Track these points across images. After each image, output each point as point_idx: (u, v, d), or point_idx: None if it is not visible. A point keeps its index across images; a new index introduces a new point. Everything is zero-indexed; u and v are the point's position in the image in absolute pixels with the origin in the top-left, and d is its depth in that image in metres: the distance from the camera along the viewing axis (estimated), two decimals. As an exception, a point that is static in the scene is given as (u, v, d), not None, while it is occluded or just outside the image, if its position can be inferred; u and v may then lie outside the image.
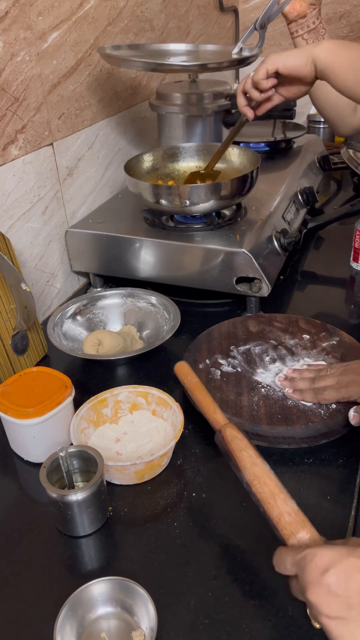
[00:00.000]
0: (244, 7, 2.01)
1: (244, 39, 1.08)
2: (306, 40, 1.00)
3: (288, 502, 0.52)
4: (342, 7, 1.87)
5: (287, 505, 0.52)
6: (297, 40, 1.01)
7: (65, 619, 0.53)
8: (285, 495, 0.52)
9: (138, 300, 1.01)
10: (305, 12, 0.98)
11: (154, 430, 0.77)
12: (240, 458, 0.57)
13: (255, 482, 0.54)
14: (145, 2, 1.32)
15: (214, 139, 1.26)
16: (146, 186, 1.00)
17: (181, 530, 0.64)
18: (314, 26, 0.98)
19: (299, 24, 0.99)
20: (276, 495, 0.52)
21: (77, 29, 1.06)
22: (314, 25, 0.98)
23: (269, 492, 0.53)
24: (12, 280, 0.84)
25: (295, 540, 0.50)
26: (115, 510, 0.68)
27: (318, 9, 0.98)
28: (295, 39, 1.02)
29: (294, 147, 1.43)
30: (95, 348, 0.91)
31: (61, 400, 0.73)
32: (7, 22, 0.87)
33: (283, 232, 1.06)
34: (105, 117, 1.21)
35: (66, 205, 1.10)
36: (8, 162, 0.92)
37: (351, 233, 1.14)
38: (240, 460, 0.56)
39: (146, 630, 0.53)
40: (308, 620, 0.55)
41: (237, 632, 0.54)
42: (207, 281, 1.00)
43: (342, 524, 0.64)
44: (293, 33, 1.01)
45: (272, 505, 0.52)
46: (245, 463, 0.56)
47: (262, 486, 0.54)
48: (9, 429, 0.75)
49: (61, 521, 0.65)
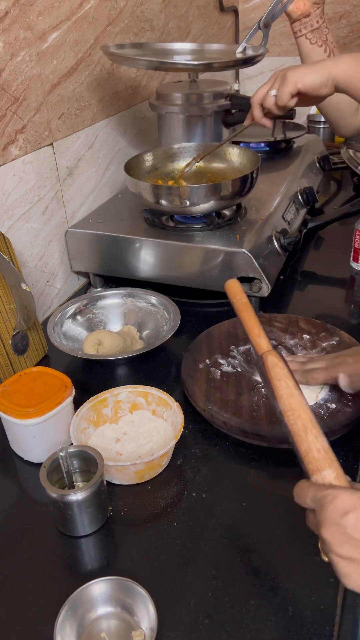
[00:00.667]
0: (244, 7, 2.01)
1: (248, 38, 1.08)
2: (309, 40, 1.00)
3: (319, 439, 0.52)
4: (342, 7, 1.87)
5: (318, 442, 0.51)
6: (301, 39, 1.01)
7: (65, 619, 0.53)
8: (317, 432, 0.52)
9: (138, 300, 1.01)
10: (309, 11, 0.97)
11: (154, 430, 0.77)
12: (278, 387, 0.55)
13: (289, 414, 0.54)
14: (145, 2, 1.32)
15: (214, 139, 1.26)
16: (146, 186, 1.00)
17: (181, 530, 0.64)
18: (317, 25, 0.98)
19: (302, 23, 0.99)
20: (308, 430, 0.52)
21: (77, 29, 1.06)
22: (318, 24, 0.98)
23: (302, 426, 0.52)
24: (12, 280, 0.84)
25: (319, 477, 0.50)
26: (115, 510, 0.68)
27: (321, 8, 0.98)
28: (298, 38, 1.01)
29: (294, 147, 1.43)
30: (95, 348, 0.91)
31: (61, 400, 0.73)
32: (7, 22, 0.87)
33: (283, 232, 1.06)
34: (105, 117, 1.21)
35: (66, 205, 1.10)
36: (8, 162, 0.92)
37: (351, 233, 1.14)
38: (277, 390, 0.55)
39: (146, 630, 0.53)
40: (308, 620, 0.55)
41: (237, 632, 0.54)
42: (207, 281, 1.00)
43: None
44: (296, 32, 1.01)
45: (302, 438, 0.52)
46: (282, 393, 0.55)
47: (296, 419, 0.53)
48: (9, 429, 0.75)
49: (61, 521, 0.65)
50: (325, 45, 0.99)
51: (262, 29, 1.02)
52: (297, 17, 0.99)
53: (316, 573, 0.59)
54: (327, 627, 0.54)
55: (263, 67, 1.85)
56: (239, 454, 0.74)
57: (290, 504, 0.66)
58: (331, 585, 0.58)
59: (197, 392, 0.79)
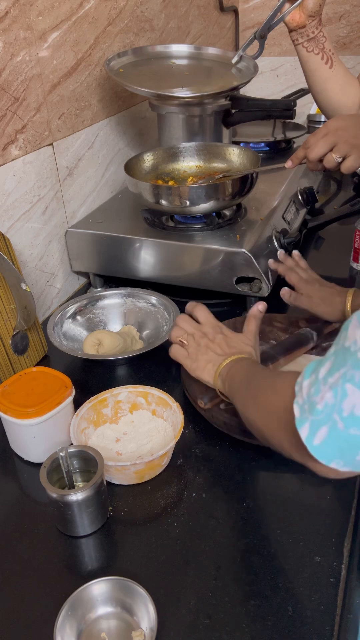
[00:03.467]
0: (244, 7, 2.01)
1: (243, 48, 1.12)
2: (306, 48, 1.03)
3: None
4: (342, 7, 1.87)
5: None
6: (298, 47, 1.04)
7: (65, 619, 0.53)
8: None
9: (138, 300, 1.01)
10: (305, 23, 1.00)
11: (154, 430, 0.77)
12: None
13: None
14: (145, 2, 1.32)
15: (214, 139, 1.26)
16: (146, 186, 1.00)
17: (181, 530, 0.64)
18: (313, 35, 1.01)
19: (299, 33, 1.02)
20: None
21: (77, 29, 1.06)
22: (314, 34, 1.01)
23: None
24: (12, 281, 0.84)
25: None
26: (115, 510, 0.68)
27: (318, 20, 1.00)
28: (296, 46, 1.05)
29: (294, 147, 1.43)
30: (95, 348, 0.91)
31: (61, 400, 0.73)
32: (7, 22, 0.87)
33: (283, 232, 1.06)
34: (105, 117, 1.21)
35: (66, 205, 1.10)
36: (8, 162, 0.92)
37: (351, 233, 1.14)
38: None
39: (146, 630, 0.53)
40: (308, 620, 0.55)
41: (237, 632, 0.54)
42: (207, 281, 1.00)
43: (342, 524, 0.64)
44: (294, 41, 1.05)
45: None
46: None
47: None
48: (9, 429, 0.75)
49: (61, 521, 0.65)
50: (323, 53, 1.03)
51: (258, 39, 1.06)
52: (294, 28, 1.01)
53: (316, 573, 0.59)
54: (327, 627, 0.54)
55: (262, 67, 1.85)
56: (239, 454, 0.74)
57: (290, 504, 0.67)
58: (331, 585, 0.58)
59: (197, 392, 0.79)
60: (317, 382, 0.47)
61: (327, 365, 0.46)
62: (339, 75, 1.03)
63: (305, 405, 0.47)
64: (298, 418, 0.48)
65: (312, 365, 0.49)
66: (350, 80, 1.04)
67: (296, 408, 0.49)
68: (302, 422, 0.47)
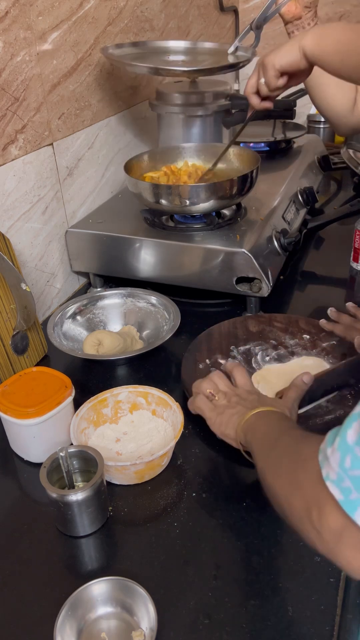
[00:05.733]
0: (244, 7, 2.01)
1: (239, 39, 1.12)
2: None
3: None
4: (342, 7, 1.87)
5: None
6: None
7: (65, 619, 0.54)
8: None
9: (138, 300, 1.00)
10: (301, 15, 1.00)
11: (154, 430, 0.77)
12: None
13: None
14: (145, 2, 1.32)
15: (214, 139, 1.26)
16: (146, 186, 1.00)
17: (181, 530, 0.64)
18: (309, 27, 1.01)
19: (294, 25, 1.02)
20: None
21: (77, 29, 1.06)
22: (309, 26, 1.02)
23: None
24: (12, 281, 0.84)
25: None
26: (115, 510, 0.68)
27: (313, 11, 1.01)
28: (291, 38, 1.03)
29: (294, 147, 1.43)
30: (95, 348, 0.91)
31: (61, 400, 0.73)
32: (7, 22, 0.87)
33: (283, 232, 1.06)
34: (105, 117, 1.21)
35: (66, 205, 1.10)
36: (8, 162, 0.92)
37: (351, 233, 1.14)
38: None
39: (146, 630, 0.53)
40: (308, 620, 0.55)
41: (237, 632, 0.54)
42: (207, 281, 1.00)
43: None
44: (290, 33, 1.04)
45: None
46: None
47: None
48: (9, 429, 0.75)
49: (61, 521, 0.65)
50: None
51: (254, 30, 1.05)
52: (289, 20, 1.02)
53: (316, 573, 0.59)
54: (327, 627, 0.54)
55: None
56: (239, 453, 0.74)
57: (290, 504, 0.66)
58: (331, 585, 0.58)
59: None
60: (349, 449, 0.38)
61: (355, 427, 0.39)
62: None
63: (346, 482, 0.38)
64: (343, 500, 0.39)
65: (334, 430, 0.42)
66: None
67: (333, 487, 0.39)
68: (354, 505, 0.38)
